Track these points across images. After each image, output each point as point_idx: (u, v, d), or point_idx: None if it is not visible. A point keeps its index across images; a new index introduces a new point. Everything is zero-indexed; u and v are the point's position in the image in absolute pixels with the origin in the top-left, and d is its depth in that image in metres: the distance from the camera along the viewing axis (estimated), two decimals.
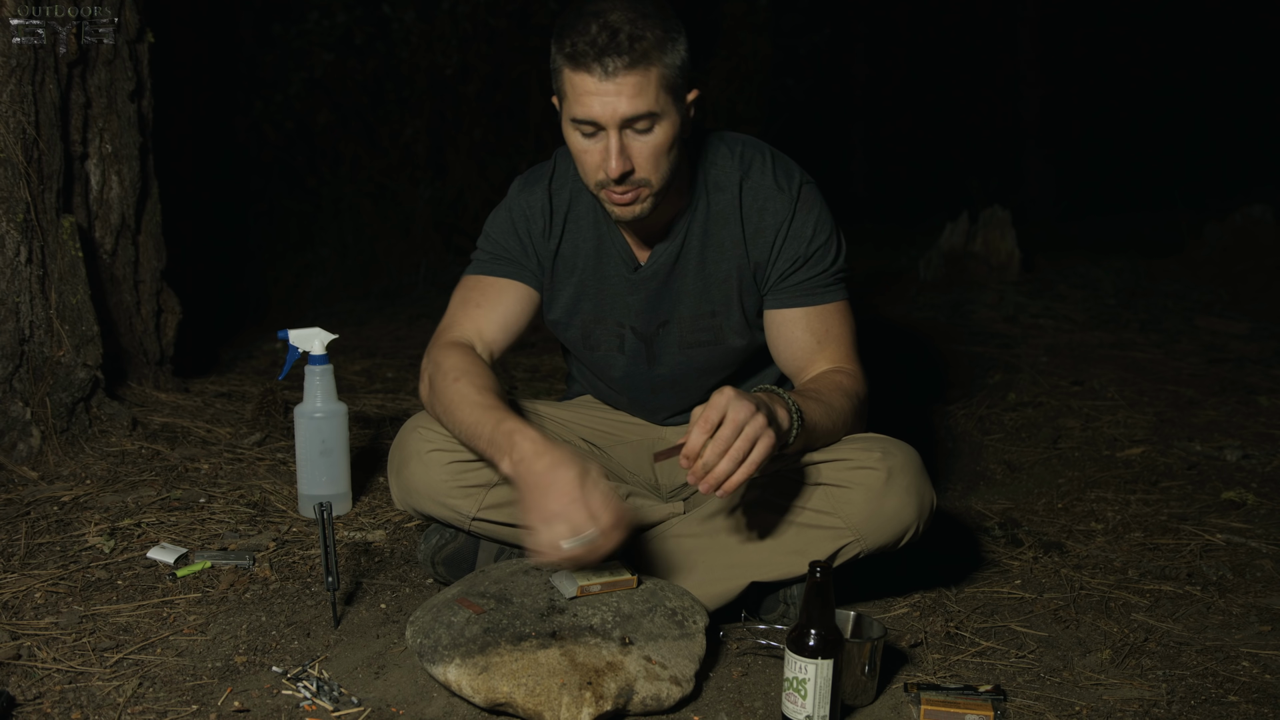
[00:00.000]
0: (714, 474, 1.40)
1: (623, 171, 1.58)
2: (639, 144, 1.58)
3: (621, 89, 1.53)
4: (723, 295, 1.79)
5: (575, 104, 1.57)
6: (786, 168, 1.77)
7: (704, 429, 1.40)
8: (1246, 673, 1.65)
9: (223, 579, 1.89)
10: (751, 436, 1.40)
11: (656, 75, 1.55)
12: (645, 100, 1.55)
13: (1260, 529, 2.25)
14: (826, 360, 1.75)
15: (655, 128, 1.58)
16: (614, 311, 1.83)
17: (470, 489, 1.73)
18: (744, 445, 1.40)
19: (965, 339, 4.01)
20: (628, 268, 1.79)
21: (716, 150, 1.77)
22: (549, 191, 1.80)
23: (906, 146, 10.61)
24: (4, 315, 2.31)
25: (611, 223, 1.78)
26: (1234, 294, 4.78)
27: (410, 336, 4.20)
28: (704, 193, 1.76)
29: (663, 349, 1.84)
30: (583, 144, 1.61)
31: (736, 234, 1.75)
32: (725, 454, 1.39)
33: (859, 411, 1.71)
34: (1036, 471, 2.67)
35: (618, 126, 1.56)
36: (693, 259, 1.77)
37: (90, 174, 2.68)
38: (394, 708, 1.49)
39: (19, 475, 2.27)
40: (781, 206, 1.73)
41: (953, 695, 1.51)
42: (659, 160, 1.60)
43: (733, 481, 1.40)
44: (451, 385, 1.66)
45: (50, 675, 1.55)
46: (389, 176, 5.64)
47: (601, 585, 1.58)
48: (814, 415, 1.58)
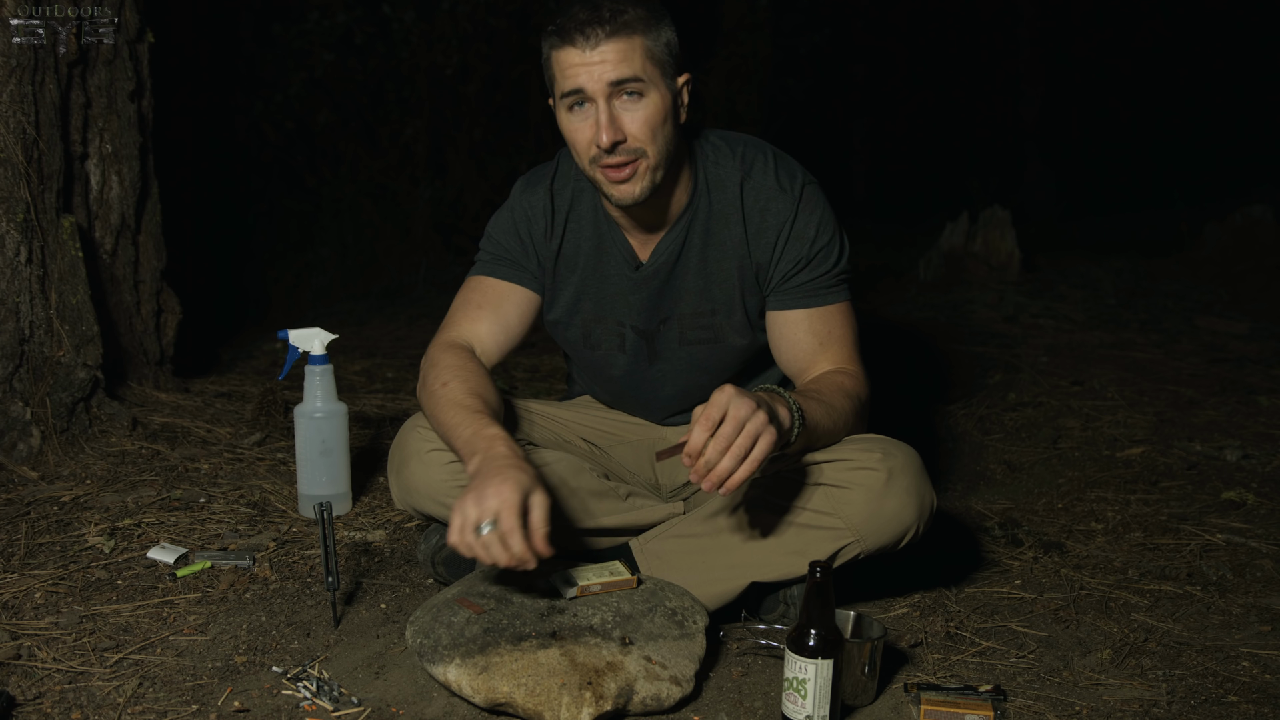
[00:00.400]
0: (716, 472, 1.39)
1: (614, 140, 1.58)
2: (630, 114, 1.60)
3: (605, 56, 1.56)
4: (724, 294, 1.79)
5: (562, 79, 1.60)
6: (789, 168, 1.76)
7: (705, 427, 1.40)
8: (1246, 673, 1.65)
9: (223, 579, 1.89)
10: (753, 434, 1.40)
11: (641, 45, 1.58)
12: (630, 66, 1.57)
13: (1260, 529, 2.25)
14: (829, 361, 1.75)
15: (645, 98, 1.59)
16: (615, 310, 1.83)
17: None
18: (745, 442, 1.39)
19: (965, 339, 4.01)
20: (629, 266, 1.79)
21: (717, 149, 1.77)
22: (550, 192, 1.81)
23: (906, 146, 10.60)
24: (4, 315, 2.31)
25: (612, 222, 1.78)
26: (1234, 294, 4.78)
27: (410, 336, 4.20)
28: (705, 191, 1.76)
29: (664, 346, 1.84)
30: (574, 123, 1.62)
31: (738, 233, 1.75)
32: (727, 451, 1.39)
33: (860, 412, 1.71)
34: (1036, 471, 2.67)
35: (605, 95, 1.58)
36: (694, 257, 1.77)
37: (90, 174, 2.68)
38: (394, 708, 1.49)
39: (19, 475, 2.27)
40: (784, 207, 1.73)
41: (953, 695, 1.51)
42: (654, 131, 1.61)
43: (735, 479, 1.40)
44: (441, 388, 1.68)
45: (50, 675, 1.55)
46: (389, 176, 5.64)
47: (601, 585, 1.58)
48: (815, 415, 1.58)
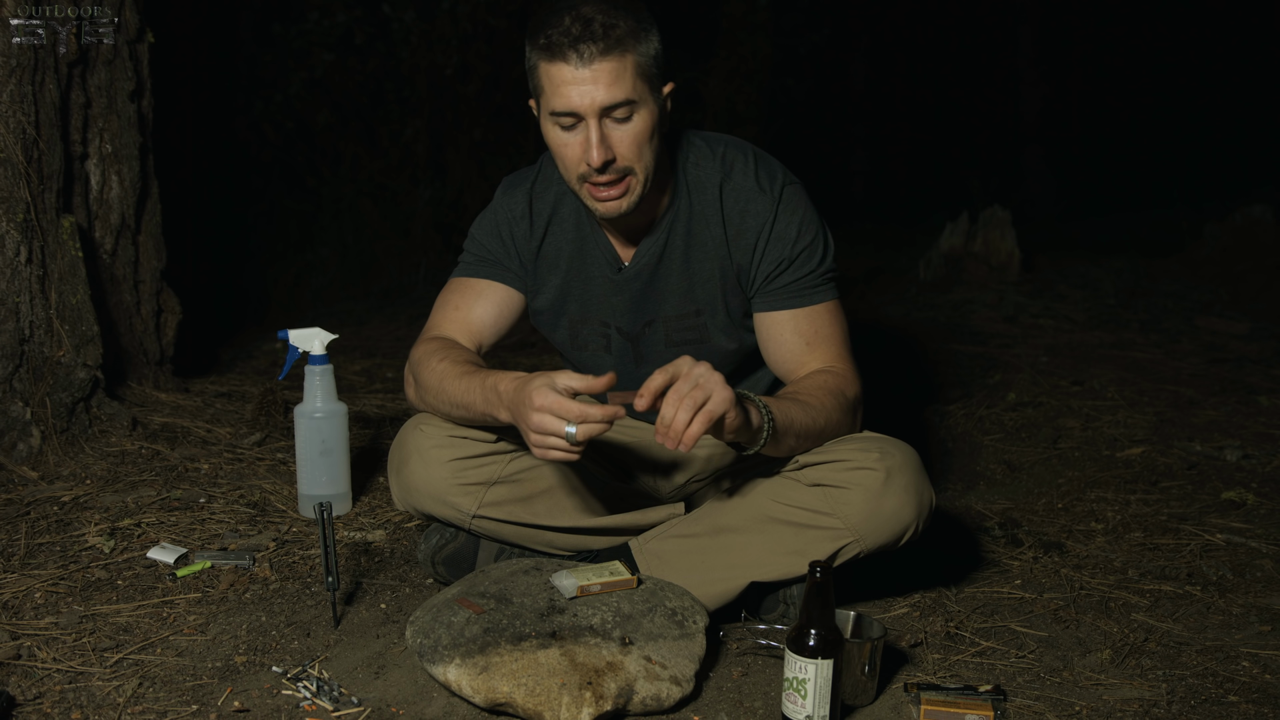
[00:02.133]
0: (674, 426, 1.42)
1: (604, 160, 1.58)
2: (619, 133, 1.59)
3: (598, 76, 1.54)
4: (707, 295, 1.78)
5: (553, 96, 1.58)
6: (769, 168, 1.75)
7: (664, 371, 1.44)
8: (1246, 673, 1.65)
9: (223, 579, 1.89)
10: (707, 388, 1.42)
11: (632, 63, 1.56)
12: (622, 88, 1.56)
13: (1260, 529, 2.25)
14: (817, 361, 1.75)
15: (634, 116, 1.59)
16: (599, 311, 1.83)
17: (470, 486, 1.73)
18: (700, 395, 1.42)
19: (965, 339, 4.01)
20: (611, 268, 1.79)
21: (698, 151, 1.76)
22: (530, 195, 1.81)
23: (907, 146, 10.60)
24: (4, 315, 2.31)
25: (595, 223, 1.78)
26: (1234, 294, 4.78)
27: (410, 336, 4.20)
28: (685, 192, 1.75)
29: (649, 348, 1.84)
30: (562, 138, 1.61)
31: (719, 234, 1.74)
32: (680, 404, 1.42)
33: (847, 408, 1.70)
34: (1036, 471, 2.67)
35: (597, 115, 1.57)
36: (677, 258, 1.77)
37: (90, 174, 2.68)
38: (394, 708, 1.49)
39: (19, 475, 2.27)
40: (763, 208, 1.72)
41: (953, 695, 1.51)
42: (641, 148, 1.61)
43: (691, 433, 1.41)
44: (432, 370, 1.69)
45: (50, 675, 1.55)
46: (389, 176, 5.63)
47: (602, 585, 1.58)
48: (790, 415, 1.59)
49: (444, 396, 1.67)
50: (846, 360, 1.76)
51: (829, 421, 1.66)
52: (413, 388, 1.77)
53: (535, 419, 1.45)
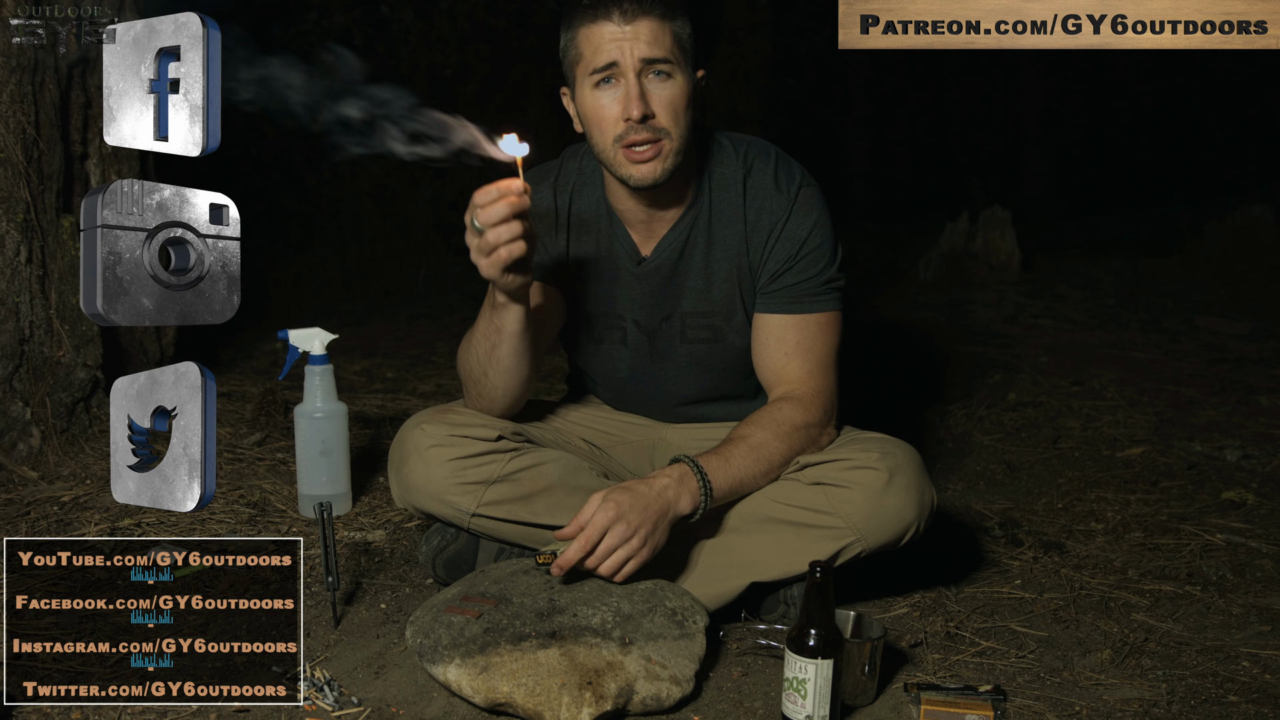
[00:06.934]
0: (603, 573, 1.57)
1: (644, 113, 1.60)
2: (658, 93, 1.62)
3: (639, 32, 1.59)
4: (724, 294, 1.79)
5: (595, 55, 1.62)
6: (789, 169, 1.76)
7: (582, 546, 1.54)
8: (1246, 673, 1.65)
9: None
10: (622, 559, 1.55)
11: (670, 30, 1.62)
12: (662, 47, 1.60)
13: (1260, 529, 2.25)
14: (787, 381, 1.75)
15: (672, 79, 1.62)
16: (617, 304, 1.83)
17: (469, 485, 1.73)
18: (615, 563, 1.55)
19: (965, 339, 4.01)
20: (632, 261, 1.80)
21: (723, 149, 1.78)
22: (554, 189, 1.82)
23: (907, 146, 10.60)
24: (4, 315, 2.31)
25: (615, 217, 1.79)
26: (1234, 294, 4.78)
27: (410, 336, 4.20)
28: (709, 190, 1.76)
29: (666, 344, 1.84)
30: (601, 100, 1.64)
31: (739, 233, 1.75)
32: (599, 569, 1.56)
33: (799, 440, 1.71)
34: (1036, 471, 2.67)
35: (636, 70, 1.60)
36: (698, 255, 1.77)
37: (90, 174, 2.68)
38: (394, 708, 1.49)
39: (19, 475, 2.27)
40: (778, 207, 1.73)
41: (953, 695, 1.51)
42: (677, 114, 1.63)
43: (623, 575, 1.57)
44: (467, 338, 1.75)
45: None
46: (389, 176, 5.63)
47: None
48: (735, 473, 1.65)
49: (473, 344, 1.72)
50: (820, 377, 1.74)
51: (771, 465, 1.69)
52: (461, 365, 1.80)
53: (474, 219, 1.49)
